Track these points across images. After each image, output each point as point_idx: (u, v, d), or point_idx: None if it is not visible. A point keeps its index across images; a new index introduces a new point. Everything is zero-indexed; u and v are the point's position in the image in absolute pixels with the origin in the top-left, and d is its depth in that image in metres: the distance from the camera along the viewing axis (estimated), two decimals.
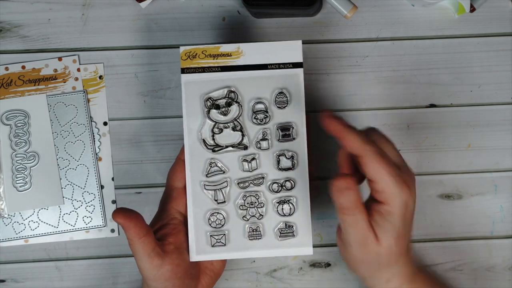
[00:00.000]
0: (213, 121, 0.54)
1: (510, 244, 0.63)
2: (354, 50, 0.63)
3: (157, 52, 0.63)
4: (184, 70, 0.54)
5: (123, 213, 0.48)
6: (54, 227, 0.63)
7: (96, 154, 0.63)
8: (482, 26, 0.63)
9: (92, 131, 0.63)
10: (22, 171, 0.62)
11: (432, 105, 0.63)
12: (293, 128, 0.54)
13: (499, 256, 0.63)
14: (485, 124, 0.63)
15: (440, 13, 0.63)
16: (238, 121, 0.54)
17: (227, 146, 0.54)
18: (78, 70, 0.63)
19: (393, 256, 0.48)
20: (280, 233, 0.54)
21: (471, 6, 0.62)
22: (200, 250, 0.54)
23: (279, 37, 0.63)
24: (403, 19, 0.63)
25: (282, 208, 0.54)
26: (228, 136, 0.54)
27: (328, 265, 0.63)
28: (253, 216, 0.54)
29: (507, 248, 0.63)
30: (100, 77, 0.63)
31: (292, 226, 0.54)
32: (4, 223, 0.62)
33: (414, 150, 0.63)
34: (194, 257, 0.53)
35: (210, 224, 0.54)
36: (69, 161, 0.63)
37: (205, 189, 0.53)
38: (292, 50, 0.54)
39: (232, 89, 0.54)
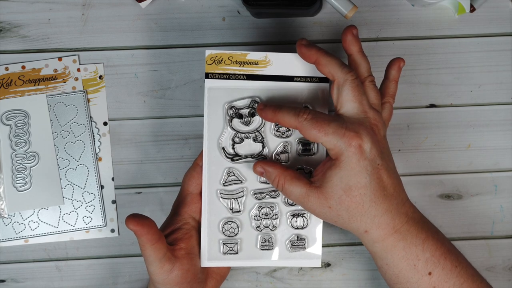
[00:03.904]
0: (234, 130, 0.53)
1: (510, 244, 0.63)
2: None
3: (157, 52, 0.63)
4: (208, 75, 0.53)
5: (136, 220, 0.48)
6: (54, 227, 0.63)
7: (96, 154, 0.63)
8: (482, 26, 0.63)
9: (92, 131, 0.63)
10: (22, 171, 0.62)
11: (432, 105, 0.63)
12: (314, 143, 0.53)
13: (499, 256, 0.63)
14: (485, 124, 0.63)
15: (440, 13, 0.63)
16: (259, 132, 0.53)
17: (246, 156, 0.53)
18: (78, 70, 0.63)
19: (353, 206, 0.47)
20: (292, 245, 0.54)
21: (471, 6, 0.62)
22: (212, 257, 0.54)
23: (279, 37, 0.63)
24: (403, 19, 0.63)
25: (296, 221, 0.54)
26: (248, 147, 0.53)
27: (328, 265, 0.63)
28: (266, 227, 0.54)
29: (507, 248, 0.63)
30: (100, 77, 0.63)
31: (304, 239, 0.54)
32: (4, 223, 0.62)
33: (414, 150, 0.63)
34: (206, 263, 0.53)
35: (223, 232, 0.53)
36: (69, 161, 0.63)
37: (221, 197, 0.53)
38: None
39: (256, 99, 0.53)
